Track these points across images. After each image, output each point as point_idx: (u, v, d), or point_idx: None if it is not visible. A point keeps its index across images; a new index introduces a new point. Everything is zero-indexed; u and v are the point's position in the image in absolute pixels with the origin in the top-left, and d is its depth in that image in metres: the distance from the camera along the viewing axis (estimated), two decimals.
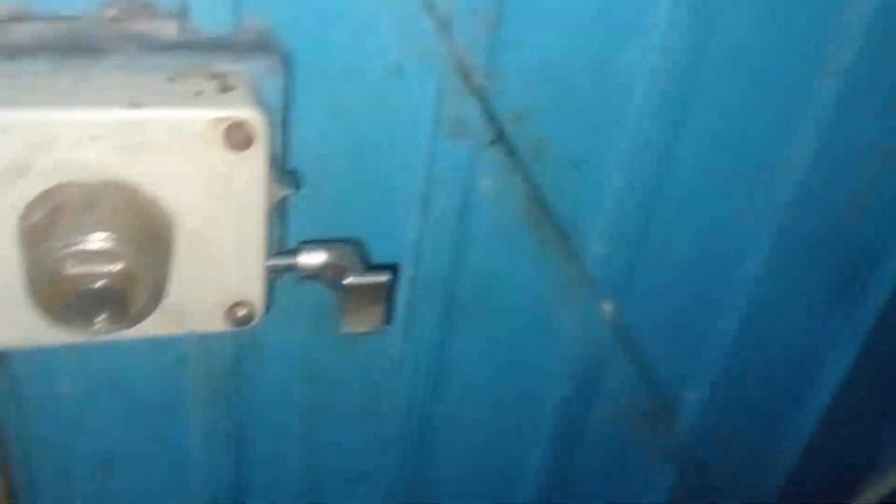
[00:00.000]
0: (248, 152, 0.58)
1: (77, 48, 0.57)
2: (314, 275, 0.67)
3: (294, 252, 0.67)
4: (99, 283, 0.54)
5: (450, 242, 0.79)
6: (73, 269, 0.54)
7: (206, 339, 0.76)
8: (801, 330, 0.98)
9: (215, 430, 0.84)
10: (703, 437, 1.05)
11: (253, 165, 0.58)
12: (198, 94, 0.57)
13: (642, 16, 0.71)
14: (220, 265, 0.62)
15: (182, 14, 0.60)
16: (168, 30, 0.60)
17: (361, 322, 0.66)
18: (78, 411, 0.79)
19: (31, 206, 0.55)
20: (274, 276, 0.68)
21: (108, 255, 0.54)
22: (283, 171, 0.65)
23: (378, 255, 0.78)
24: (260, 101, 0.59)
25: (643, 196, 0.82)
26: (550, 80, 0.73)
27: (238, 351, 0.79)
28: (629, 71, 0.74)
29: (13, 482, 0.79)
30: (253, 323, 0.66)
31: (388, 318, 0.68)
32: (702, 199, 0.85)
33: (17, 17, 0.58)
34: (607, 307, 0.89)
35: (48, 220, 0.54)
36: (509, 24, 0.68)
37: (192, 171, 0.57)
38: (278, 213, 0.68)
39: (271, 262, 0.66)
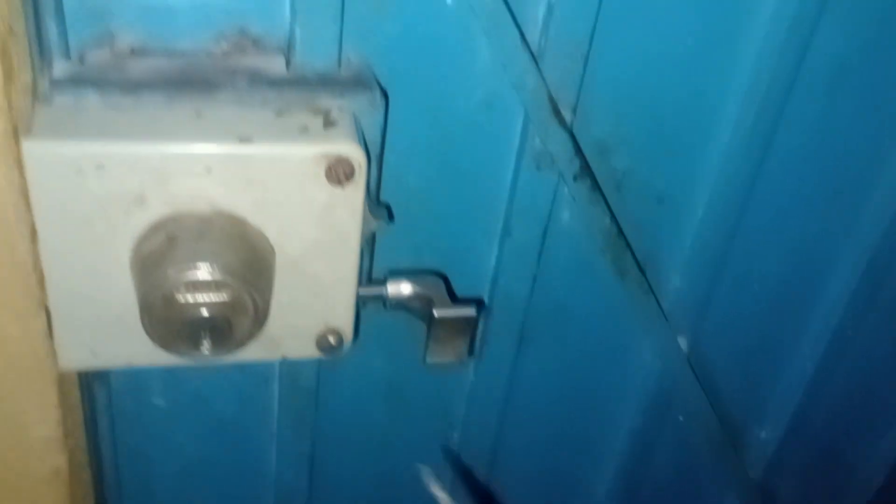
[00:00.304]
0: (348, 186, 0.59)
1: (190, 83, 0.59)
2: (400, 305, 0.69)
3: (382, 282, 0.69)
4: (207, 312, 0.57)
5: (528, 272, 0.80)
6: (184, 298, 0.56)
7: (290, 362, 0.78)
8: (882, 367, 0.97)
9: (292, 446, 0.86)
10: (774, 470, 1.04)
11: (352, 198, 0.60)
12: (303, 129, 0.59)
13: (733, 49, 0.72)
14: (314, 294, 0.64)
15: (288, 49, 0.62)
16: (275, 65, 0.62)
17: (447, 353, 0.67)
18: (166, 424, 0.82)
19: (146, 235, 0.58)
20: (361, 305, 0.69)
21: (216, 285, 0.56)
22: (377, 202, 0.67)
23: (457, 282, 0.79)
24: (360, 137, 0.60)
25: (724, 230, 0.82)
26: (638, 113, 0.74)
27: (319, 372, 0.81)
28: (718, 105, 0.74)
29: (103, 487, 0.82)
30: (342, 350, 0.68)
31: (472, 349, 0.69)
32: (783, 234, 0.85)
33: (135, 53, 0.61)
34: (682, 340, 0.89)
35: (162, 249, 0.57)
36: (599, 58, 0.69)
37: (294, 202, 0.59)
38: (367, 243, 0.70)
39: (361, 292, 0.68)
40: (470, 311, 0.66)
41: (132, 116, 0.57)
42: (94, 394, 0.76)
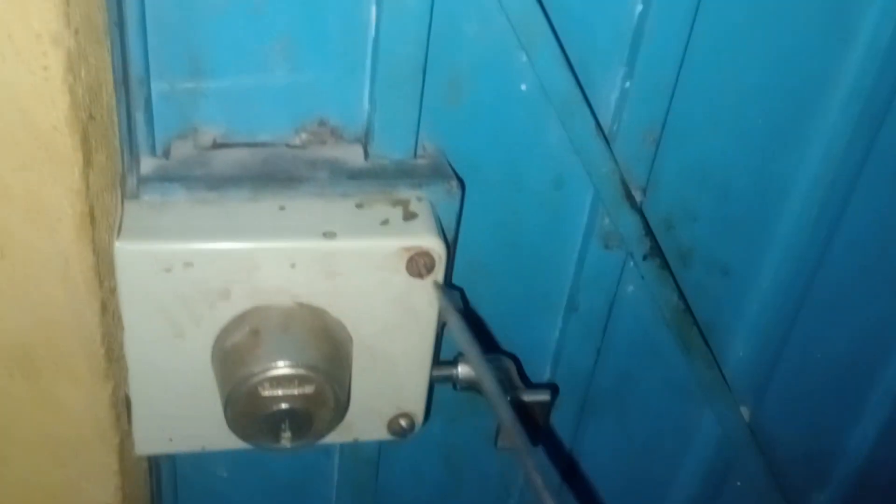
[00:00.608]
0: (427, 277, 0.60)
1: (273, 175, 0.60)
2: (471, 386, 0.69)
3: (453, 363, 0.68)
4: (290, 406, 0.57)
5: (592, 346, 0.80)
6: (268, 392, 0.56)
7: None
8: None
9: None
10: None
11: (430, 289, 0.60)
12: (384, 222, 0.59)
13: (806, 126, 0.72)
14: (388, 379, 0.64)
15: (366, 139, 0.63)
16: (354, 154, 0.63)
17: None
18: (229, 493, 0.82)
19: (230, 328, 0.58)
20: (431, 386, 0.69)
21: (300, 380, 0.56)
22: (451, 286, 0.67)
23: (521, 355, 0.79)
24: (439, 228, 0.61)
25: (790, 302, 0.82)
26: (707, 189, 0.74)
27: (381, 444, 0.81)
28: (788, 180, 0.74)
29: None
30: (413, 433, 0.68)
31: (545, 433, 0.69)
32: (848, 305, 0.84)
33: (218, 145, 0.62)
34: (745, 409, 0.88)
35: (246, 343, 0.57)
36: (671, 140, 0.69)
37: (374, 293, 0.60)
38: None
39: (432, 373, 0.68)
40: (545, 396, 0.65)
41: (218, 211, 0.58)
42: (158, 464, 0.77)
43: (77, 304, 0.58)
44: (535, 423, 0.66)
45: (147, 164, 0.59)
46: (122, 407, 0.65)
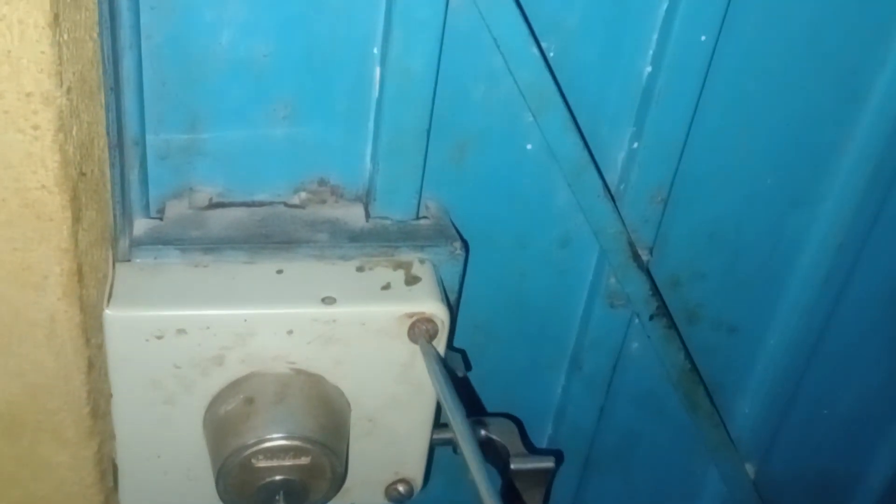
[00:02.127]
0: (430, 344, 0.58)
1: (270, 237, 0.58)
2: None
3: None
4: (285, 477, 0.55)
5: (596, 404, 0.78)
6: (262, 463, 0.54)
7: None
8: None
9: None
10: None
11: (433, 355, 0.58)
12: (385, 286, 0.58)
13: (815, 187, 0.70)
14: (387, 445, 0.62)
15: (367, 198, 0.61)
16: (354, 214, 0.61)
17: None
18: None
19: (223, 395, 0.56)
20: (430, 449, 0.67)
21: (295, 451, 0.54)
22: (452, 348, 0.65)
23: (523, 414, 0.77)
24: (442, 292, 0.59)
25: (797, 360, 0.80)
26: (715, 248, 0.72)
27: None
28: (797, 240, 0.73)
29: None
30: (411, 499, 0.65)
31: (547, 499, 0.67)
32: (855, 364, 0.82)
33: (214, 204, 0.60)
34: (750, 467, 0.86)
35: (240, 412, 0.55)
36: (679, 198, 0.68)
37: (375, 360, 0.58)
38: None
39: (433, 436, 0.65)
40: (548, 464, 0.63)
41: (213, 275, 0.56)
42: None
43: (63, 362, 0.56)
44: (539, 489, 0.64)
45: (140, 226, 0.58)
46: (108, 464, 0.63)
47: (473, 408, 0.74)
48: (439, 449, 0.69)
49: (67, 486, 0.62)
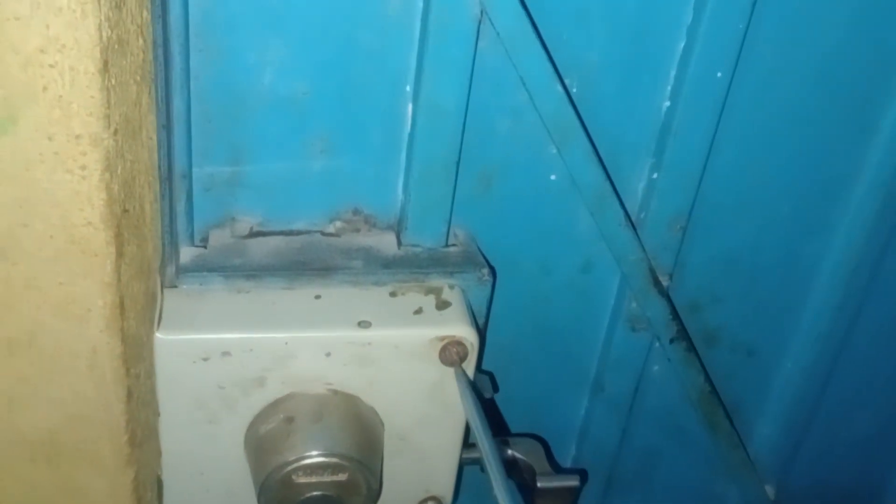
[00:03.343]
0: (460, 366, 0.61)
1: (308, 264, 0.61)
2: None
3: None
4: (323, 493, 0.58)
5: (618, 425, 0.80)
6: (302, 479, 0.57)
7: None
8: None
9: None
10: None
11: (463, 377, 0.61)
12: (417, 311, 0.60)
13: (830, 214, 0.73)
14: (418, 464, 0.65)
15: (399, 227, 0.65)
16: (387, 242, 0.64)
17: None
18: None
19: (264, 414, 0.59)
20: (459, 469, 0.70)
21: (333, 468, 0.57)
22: (480, 370, 0.67)
23: (548, 433, 0.79)
24: (471, 316, 0.62)
25: (815, 382, 0.82)
26: (732, 273, 0.75)
27: None
28: (812, 265, 0.75)
29: None
30: None
31: None
32: (872, 386, 0.84)
33: (254, 233, 0.63)
34: (769, 488, 0.88)
35: (280, 430, 0.58)
36: (698, 225, 0.70)
37: (407, 380, 0.61)
38: None
39: (462, 456, 0.68)
40: (573, 482, 0.66)
41: (255, 300, 0.59)
42: None
43: (103, 392, 0.58)
44: None
45: (186, 253, 0.61)
46: (143, 491, 0.65)
47: (500, 428, 0.76)
48: (467, 468, 0.72)
49: None
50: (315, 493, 0.58)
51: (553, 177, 0.66)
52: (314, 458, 0.57)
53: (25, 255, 0.53)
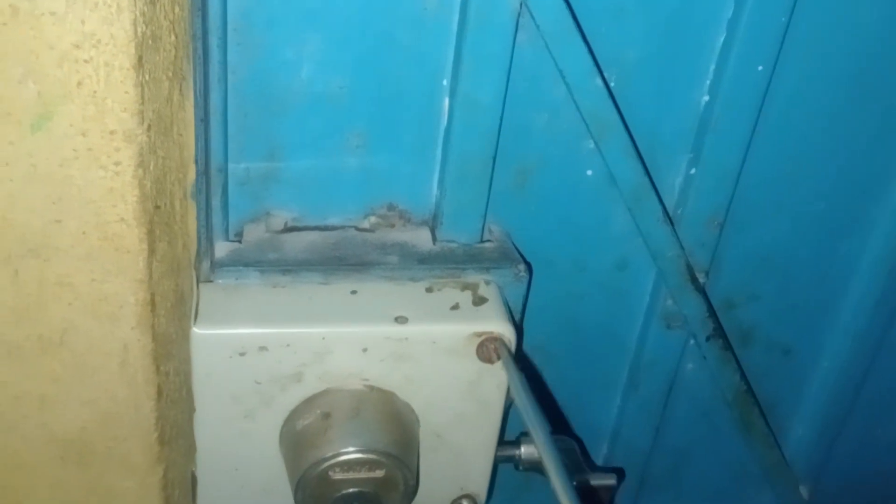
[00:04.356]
0: (497, 362, 0.60)
1: (344, 259, 0.61)
2: (533, 467, 0.68)
3: (516, 443, 0.68)
4: (360, 489, 0.57)
5: (651, 424, 0.79)
6: (339, 475, 0.57)
7: None
8: None
9: None
10: None
11: (499, 373, 0.61)
12: (454, 307, 0.60)
13: (867, 212, 0.72)
14: (454, 461, 0.64)
15: (434, 223, 0.64)
16: (422, 238, 0.64)
17: None
18: None
19: (300, 410, 0.59)
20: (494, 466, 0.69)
21: (371, 464, 0.57)
22: (519, 369, 0.67)
23: (581, 432, 0.79)
24: (508, 312, 0.61)
25: (851, 382, 0.81)
26: (769, 271, 0.74)
27: None
28: (849, 263, 0.74)
29: None
30: None
31: None
32: None
33: (289, 228, 0.63)
34: (804, 489, 0.86)
35: (317, 426, 0.58)
36: (735, 222, 0.69)
37: (443, 376, 0.60)
38: None
39: (496, 453, 0.67)
40: (611, 481, 0.65)
41: (291, 295, 0.59)
42: None
43: (134, 390, 0.58)
44: None
45: (221, 248, 0.61)
46: (172, 490, 0.64)
47: None
48: (501, 466, 0.71)
49: None
50: (352, 490, 0.57)
51: (590, 172, 0.65)
52: (351, 454, 0.56)
53: (58, 253, 0.52)
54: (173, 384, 0.61)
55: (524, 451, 0.68)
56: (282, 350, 0.57)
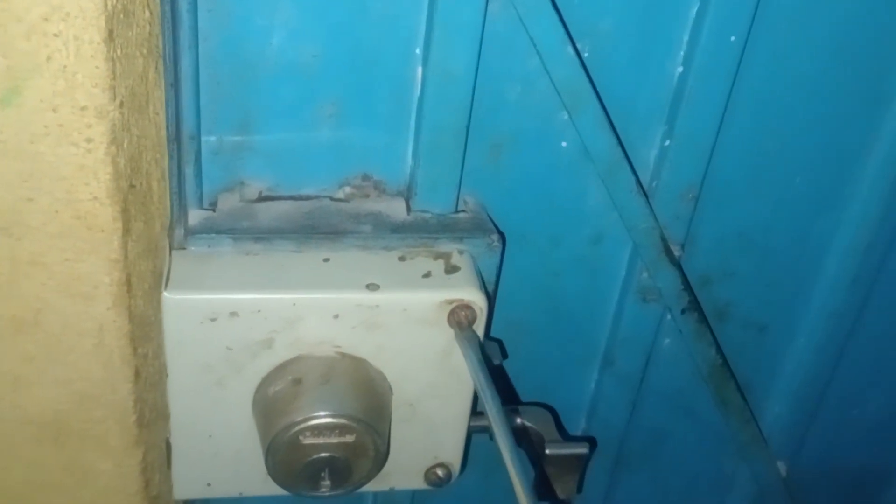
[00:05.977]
0: (468, 330, 0.60)
1: (317, 228, 0.61)
2: None
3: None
4: (330, 454, 0.58)
5: (628, 400, 0.80)
6: (309, 440, 0.57)
7: None
8: None
9: None
10: None
11: (471, 341, 0.61)
12: (426, 275, 0.60)
13: (843, 188, 0.72)
14: (426, 430, 0.65)
15: (408, 193, 0.64)
16: (396, 208, 0.64)
17: (558, 490, 0.67)
18: None
19: (271, 376, 0.59)
20: (468, 436, 0.69)
21: (341, 429, 0.57)
22: (489, 338, 0.67)
23: (558, 407, 0.79)
24: (480, 281, 0.62)
25: (826, 359, 0.81)
26: (744, 247, 0.74)
27: (416, 493, 0.80)
28: (825, 240, 0.75)
29: None
30: (449, 483, 0.68)
31: (581, 487, 0.69)
32: (885, 362, 0.83)
33: (263, 198, 0.63)
34: (781, 465, 0.87)
35: (288, 392, 0.58)
36: (710, 196, 0.70)
37: (415, 344, 0.60)
38: None
39: (470, 423, 0.68)
40: (582, 449, 0.65)
41: (263, 263, 0.59)
42: None
43: (110, 371, 0.58)
44: (573, 476, 0.66)
45: (195, 216, 0.61)
46: (151, 473, 0.65)
47: (510, 398, 0.76)
48: (476, 438, 0.71)
49: (112, 494, 0.64)
50: (322, 455, 0.58)
51: (564, 144, 0.65)
52: (322, 418, 0.57)
53: (30, 231, 0.52)
54: (152, 367, 0.61)
55: None
56: (253, 316, 0.58)
